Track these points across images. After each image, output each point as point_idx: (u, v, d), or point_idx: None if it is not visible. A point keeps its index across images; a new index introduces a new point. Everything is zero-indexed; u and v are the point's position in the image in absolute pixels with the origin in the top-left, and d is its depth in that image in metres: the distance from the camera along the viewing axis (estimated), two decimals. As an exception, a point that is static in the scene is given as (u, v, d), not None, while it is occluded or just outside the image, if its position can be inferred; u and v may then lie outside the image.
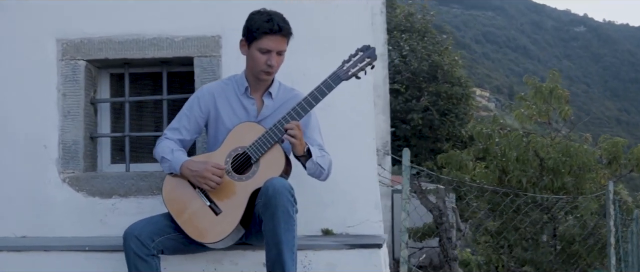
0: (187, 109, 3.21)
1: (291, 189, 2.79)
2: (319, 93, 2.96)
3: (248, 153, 2.97)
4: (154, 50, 3.78)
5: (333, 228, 3.66)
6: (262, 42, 2.99)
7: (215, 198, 2.98)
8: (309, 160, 3.01)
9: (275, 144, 2.97)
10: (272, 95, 3.17)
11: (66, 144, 3.79)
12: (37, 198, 3.77)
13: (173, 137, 3.16)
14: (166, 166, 3.08)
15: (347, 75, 3.00)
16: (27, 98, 3.81)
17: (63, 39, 3.82)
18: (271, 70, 3.06)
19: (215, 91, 3.21)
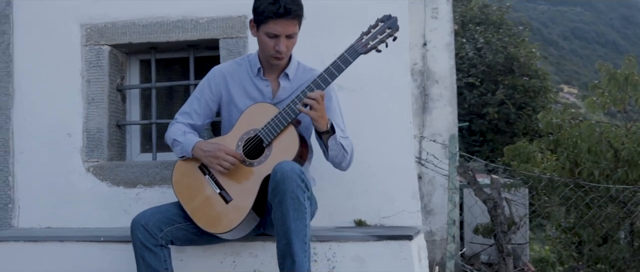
0: (197, 91, 3.03)
1: (302, 174, 2.56)
2: (335, 69, 2.73)
3: (260, 136, 2.77)
4: (178, 33, 3.64)
5: (366, 219, 3.43)
6: (269, 27, 2.77)
7: (225, 185, 2.79)
8: (331, 138, 2.78)
9: (289, 126, 2.75)
10: (288, 76, 2.96)
11: (90, 132, 3.70)
12: (62, 188, 3.70)
13: (184, 121, 3.00)
14: (178, 149, 2.92)
15: (366, 48, 2.75)
16: (51, 85, 3.75)
17: (87, 24, 3.73)
18: (280, 56, 2.84)
19: (227, 72, 3.02)
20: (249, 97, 2.94)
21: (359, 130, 3.38)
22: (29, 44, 3.79)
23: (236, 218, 2.74)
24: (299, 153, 2.74)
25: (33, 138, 3.75)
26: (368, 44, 2.76)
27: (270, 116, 2.76)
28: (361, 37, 2.77)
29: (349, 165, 2.96)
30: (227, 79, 2.99)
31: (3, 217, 3.72)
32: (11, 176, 3.76)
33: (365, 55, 2.78)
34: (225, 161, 2.75)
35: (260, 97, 2.93)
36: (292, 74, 2.95)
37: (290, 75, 2.95)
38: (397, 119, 3.44)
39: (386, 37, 2.77)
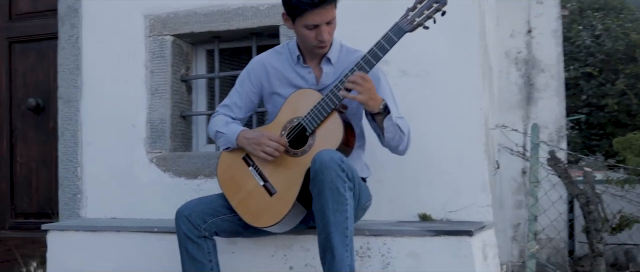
0: (238, 84, 2.98)
1: (342, 162, 2.43)
2: (379, 49, 2.59)
3: (303, 124, 2.66)
4: (239, 21, 3.60)
5: (431, 213, 3.25)
6: (307, 19, 2.65)
7: (270, 177, 2.71)
8: (386, 118, 2.63)
9: (333, 112, 2.64)
10: (331, 61, 2.83)
11: (153, 123, 3.73)
12: (127, 179, 3.76)
13: (226, 114, 2.95)
14: (222, 141, 2.87)
15: (412, 25, 2.58)
16: (117, 76, 3.82)
17: (150, 15, 3.77)
18: (324, 44, 2.73)
19: (267, 62, 2.93)
20: (292, 86, 2.85)
21: (424, 119, 3.24)
22: (96, 37, 3.88)
23: (280, 211, 2.65)
24: (344, 141, 2.62)
25: (100, 129, 3.83)
26: (414, 20, 2.59)
27: (313, 103, 2.66)
28: (407, 14, 2.61)
29: (406, 148, 2.81)
30: (268, 69, 2.91)
31: (72, 207, 3.83)
32: (79, 167, 3.85)
33: (412, 33, 2.61)
34: (268, 146, 2.67)
35: (304, 85, 2.83)
36: (334, 57, 2.83)
37: (333, 59, 2.83)
38: (465, 106, 3.25)
39: (433, 12, 2.59)
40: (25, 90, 4.33)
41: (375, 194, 3.24)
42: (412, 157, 3.17)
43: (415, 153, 3.15)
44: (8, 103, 4.36)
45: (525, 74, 7.32)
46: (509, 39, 5.20)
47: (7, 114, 4.35)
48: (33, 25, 4.31)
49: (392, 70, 3.32)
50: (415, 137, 3.12)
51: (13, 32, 4.37)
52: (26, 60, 4.33)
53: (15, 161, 4.33)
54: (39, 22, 4.27)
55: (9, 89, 4.36)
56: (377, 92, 2.75)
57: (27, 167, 4.30)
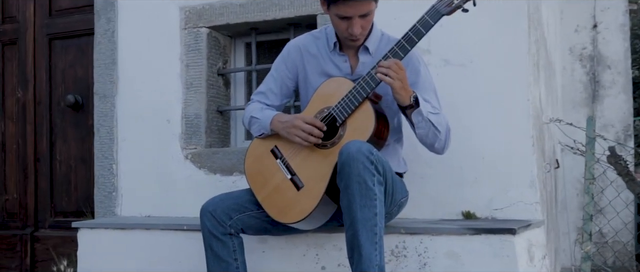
0: (273, 69, 2.87)
1: (371, 154, 2.30)
2: (414, 34, 2.45)
3: (333, 114, 2.55)
4: (275, 11, 3.51)
5: (476, 211, 3.09)
6: (338, 8, 2.52)
7: (297, 170, 2.61)
8: (415, 112, 2.50)
9: (365, 101, 2.51)
10: (369, 50, 2.70)
11: (188, 118, 3.68)
12: (162, 176, 3.73)
13: (261, 101, 2.84)
14: (256, 127, 2.77)
15: (450, 7, 2.43)
16: (152, 71, 3.80)
17: (186, 7, 3.72)
18: (355, 39, 2.60)
19: (304, 46, 2.82)
20: (325, 75, 2.73)
21: (468, 111, 3.10)
22: (131, 31, 3.86)
23: (306, 207, 2.54)
24: (376, 132, 2.49)
25: (135, 125, 3.81)
26: (452, 2, 2.44)
27: (345, 92, 2.54)
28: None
29: (444, 147, 2.66)
30: (303, 54, 2.81)
31: (107, 205, 3.81)
32: (115, 163, 3.83)
33: (449, 16, 2.46)
34: (303, 130, 2.55)
35: (338, 74, 2.71)
36: (373, 46, 2.70)
37: (371, 48, 2.70)
38: (512, 97, 3.08)
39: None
40: (65, 86, 4.35)
41: (417, 191, 3.12)
42: (456, 152, 3.05)
43: (459, 147, 3.04)
44: (48, 100, 4.38)
45: (590, 70, 7.03)
46: (574, 35, 4.97)
47: (47, 112, 4.38)
48: (73, 21, 4.32)
49: (433, 60, 3.18)
50: (459, 131, 3.01)
51: (53, 29, 4.39)
52: (66, 57, 4.35)
53: (55, 159, 4.35)
54: (78, 18, 4.28)
55: (49, 86, 4.39)
56: (417, 85, 2.62)
57: (67, 165, 4.31)
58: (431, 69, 3.14)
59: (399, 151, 2.82)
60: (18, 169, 4.49)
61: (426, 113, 2.51)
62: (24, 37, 4.48)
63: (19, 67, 4.50)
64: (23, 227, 4.48)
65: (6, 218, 4.56)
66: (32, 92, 4.44)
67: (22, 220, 4.48)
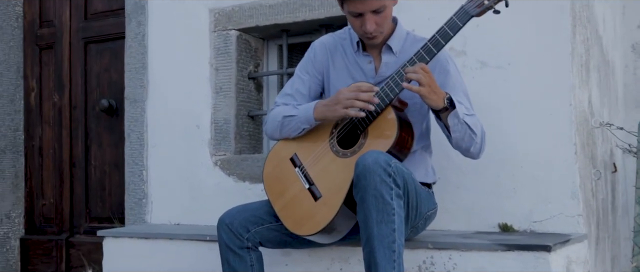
0: (300, 70, 2.77)
1: (388, 166, 2.19)
2: (441, 37, 2.33)
3: (354, 120, 2.44)
4: (305, 12, 3.43)
5: (513, 223, 2.95)
6: (350, 5, 2.42)
7: (316, 179, 2.51)
8: (451, 115, 2.37)
9: (387, 108, 2.40)
10: (392, 49, 2.58)
11: (218, 124, 3.63)
12: (192, 183, 3.70)
13: (288, 103, 2.71)
14: (293, 125, 2.59)
15: (480, 8, 2.31)
16: (182, 75, 3.77)
17: (215, 8, 3.67)
18: (371, 36, 2.49)
19: (330, 45, 2.72)
20: (350, 77, 2.63)
21: (507, 116, 2.96)
22: (161, 34, 3.84)
23: (323, 219, 2.45)
24: (398, 141, 2.38)
25: (165, 131, 3.78)
26: (482, 3, 2.31)
27: None
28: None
29: (480, 151, 2.54)
30: (330, 55, 2.70)
31: (137, 212, 3.79)
32: (145, 170, 3.82)
33: (479, 17, 2.33)
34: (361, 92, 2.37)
35: (362, 76, 2.61)
36: (397, 46, 2.59)
37: (395, 47, 2.58)
38: (554, 103, 2.91)
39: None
40: (100, 91, 4.37)
41: (451, 201, 3.01)
42: (493, 160, 2.93)
43: (496, 155, 2.92)
44: (83, 105, 4.41)
45: (650, 70, 6.71)
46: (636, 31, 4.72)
47: (83, 116, 4.41)
48: (107, 25, 4.34)
49: (469, 62, 3.05)
50: (497, 137, 2.89)
51: (88, 32, 4.42)
52: (101, 61, 4.36)
53: (90, 164, 4.37)
54: (112, 21, 4.30)
55: (85, 91, 4.42)
56: (446, 86, 2.50)
57: (101, 171, 4.33)
58: (466, 71, 3.03)
59: (427, 160, 2.69)
60: (54, 174, 4.54)
61: (462, 115, 2.39)
62: (61, 41, 4.52)
63: (55, 71, 4.55)
64: (59, 232, 4.52)
65: (43, 223, 4.61)
66: (68, 97, 4.48)
67: (58, 225, 4.53)
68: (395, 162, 2.24)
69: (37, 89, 4.63)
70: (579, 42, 3.05)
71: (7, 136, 4.56)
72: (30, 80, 4.66)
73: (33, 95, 4.65)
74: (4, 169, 4.54)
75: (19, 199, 4.65)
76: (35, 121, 4.63)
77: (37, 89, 4.63)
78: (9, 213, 4.59)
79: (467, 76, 3.03)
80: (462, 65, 3.04)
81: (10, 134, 4.58)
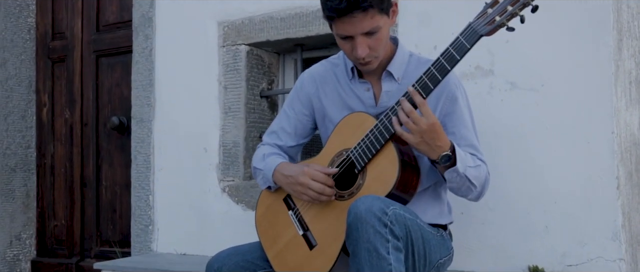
0: (286, 104, 2.53)
1: (384, 214, 1.92)
2: (447, 61, 2.03)
3: (352, 158, 2.18)
4: (318, 25, 3.19)
5: (545, 266, 2.65)
6: (336, 27, 2.14)
7: (311, 224, 2.27)
8: (449, 170, 2.10)
9: (387, 144, 2.13)
10: (394, 75, 2.30)
11: (226, 147, 3.41)
12: (199, 210, 3.50)
13: (271, 142, 2.51)
14: (260, 179, 2.45)
15: (491, 26, 1.99)
16: (189, 93, 3.58)
17: (224, 22, 3.45)
18: (364, 62, 2.20)
19: (320, 76, 2.45)
20: (346, 107, 2.35)
21: (539, 144, 2.68)
22: (169, 49, 3.65)
23: (319, 270, 2.18)
24: (400, 182, 2.10)
25: (172, 153, 3.59)
26: (493, 20, 1.99)
27: (365, 131, 2.17)
28: (484, 11, 2.01)
29: (479, 197, 2.27)
30: (319, 86, 2.43)
31: (143, 240, 3.61)
32: (151, 194, 3.63)
33: (489, 36, 2.03)
34: (311, 189, 2.20)
35: (360, 106, 2.33)
36: (398, 71, 2.30)
37: (396, 73, 2.29)
38: (594, 131, 2.60)
39: (520, 7, 1.97)
40: (111, 107, 4.20)
41: (476, 239, 2.75)
42: (523, 194, 2.68)
43: (527, 188, 2.67)
44: (95, 122, 4.26)
45: None
46: None
47: (94, 134, 4.25)
48: (118, 37, 4.17)
49: (497, 82, 2.76)
50: (528, 168, 2.66)
51: (100, 45, 4.26)
52: (112, 75, 4.20)
53: (101, 185, 4.21)
54: (123, 33, 4.12)
55: (96, 107, 4.25)
56: (452, 115, 2.22)
57: (112, 192, 4.16)
58: (494, 93, 2.75)
59: (442, 197, 2.40)
60: (66, 194, 4.40)
61: (464, 169, 2.11)
62: (72, 54, 4.37)
63: (67, 86, 4.40)
64: (70, 255, 4.38)
65: (54, 245, 4.48)
66: (79, 113, 4.33)
67: (69, 248, 4.38)
68: (394, 208, 1.97)
69: (49, 104, 4.49)
70: (627, 57, 2.73)
71: (18, 153, 4.44)
72: (42, 95, 4.53)
73: (45, 110, 4.51)
74: (13, 189, 4.41)
75: (30, 220, 4.52)
76: (48, 138, 4.49)
77: (49, 104, 4.49)
78: (20, 234, 4.46)
79: (495, 99, 2.75)
80: (490, 87, 2.76)
81: (21, 152, 4.45)
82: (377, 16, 2.10)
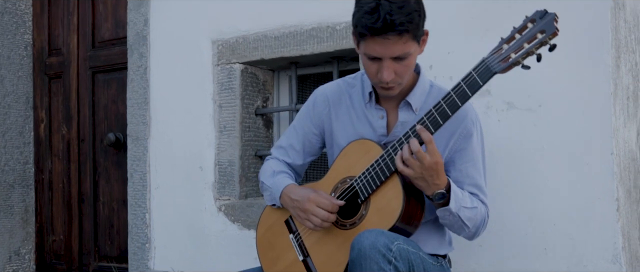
0: (297, 120, 2.40)
1: (389, 251, 1.82)
2: (458, 97, 1.91)
3: (356, 187, 2.05)
4: (313, 44, 3.05)
5: (544, 289, 2.52)
6: (366, 46, 1.99)
7: (312, 250, 2.16)
8: (442, 209, 2.02)
9: (392, 176, 2.00)
10: (412, 106, 2.16)
11: (222, 166, 3.29)
12: (195, 228, 3.39)
13: (279, 158, 2.39)
14: (266, 195, 2.34)
15: (505, 63, 1.88)
16: (184, 112, 3.46)
17: (218, 40, 3.33)
18: (387, 87, 2.06)
19: (333, 96, 2.31)
20: (356, 134, 2.21)
21: (536, 165, 2.57)
22: (163, 67, 3.52)
23: (318, 300, 2.07)
24: (404, 215, 1.98)
25: (168, 171, 3.46)
26: (508, 57, 1.87)
27: (370, 160, 2.04)
28: (500, 47, 1.90)
29: (474, 236, 2.18)
30: (331, 107, 2.30)
31: (140, 257, 3.49)
32: (148, 212, 3.51)
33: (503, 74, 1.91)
34: (315, 216, 2.08)
35: (369, 132, 2.19)
36: (417, 102, 2.16)
37: (414, 104, 2.15)
38: (592, 151, 2.48)
39: (537, 46, 1.86)
40: (107, 123, 4.06)
41: (474, 261, 2.65)
42: (521, 216, 2.56)
43: (525, 210, 2.55)
44: (91, 138, 4.11)
45: None
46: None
47: (91, 150, 4.11)
48: (114, 54, 4.02)
49: (494, 102, 2.64)
50: (526, 189, 2.55)
51: (96, 62, 4.11)
52: (108, 91, 4.06)
53: (98, 200, 4.08)
54: (119, 49, 3.97)
55: (92, 123, 4.11)
56: (463, 151, 2.11)
57: (109, 208, 4.03)
58: (491, 113, 2.63)
59: (444, 228, 2.27)
60: (64, 209, 4.26)
61: (457, 209, 2.01)
62: (69, 70, 4.23)
63: (64, 102, 4.26)
64: (69, 270, 4.24)
65: (53, 259, 4.34)
66: (76, 129, 4.19)
67: (68, 263, 4.25)
68: (398, 243, 1.85)
69: (47, 120, 4.35)
70: (624, 73, 2.61)
71: (16, 169, 4.30)
72: (39, 111, 4.39)
73: (43, 126, 4.37)
74: (12, 205, 4.27)
75: (29, 235, 4.38)
76: (45, 154, 4.36)
77: (47, 120, 4.35)
78: (19, 250, 4.32)
79: (492, 119, 2.63)
80: (487, 107, 2.64)
81: (19, 168, 4.31)
82: (410, 42, 1.97)
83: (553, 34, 1.84)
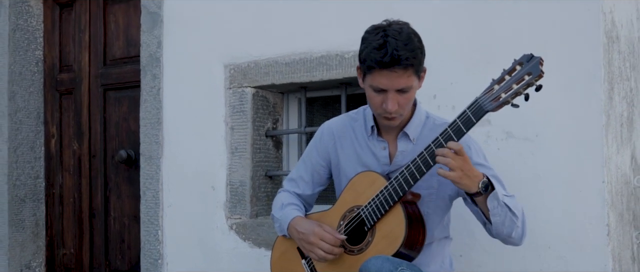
0: (306, 154, 2.72)
1: None
2: (454, 132, 2.21)
3: (363, 216, 2.35)
4: (322, 71, 3.35)
5: (539, 301, 2.81)
6: (373, 78, 2.30)
7: None
8: (490, 197, 2.23)
9: (396, 205, 2.30)
10: (409, 136, 2.47)
11: (233, 186, 3.58)
12: (207, 246, 3.67)
13: (290, 190, 2.69)
14: (276, 227, 2.65)
15: (496, 102, 2.17)
16: (197, 133, 3.74)
17: (231, 64, 3.61)
18: (390, 116, 2.36)
19: (338, 130, 2.62)
20: (361, 163, 2.52)
21: (533, 191, 2.85)
22: (176, 89, 3.81)
23: (327, 326, 2.37)
24: (407, 240, 2.27)
25: (180, 190, 3.75)
26: (499, 97, 2.17)
27: (376, 191, 2.34)
28: (491, 87, 2.19)
29: (522, 236, 2.39)
30: (336, 140, 2.61)
31: (153, 274, 3.76)
32: (160, 229, 3.79)
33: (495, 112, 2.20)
34: (320, 249, 2.39)
35: (374, 163, 2.50)
36: (414, 132, 2.47)
37: (412, 134, 2.46)
38: (585, 179, 2.78)
39: (524, 87, 2.15)
40: (119, 140, 4.34)
41: None
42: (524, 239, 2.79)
43: None
44: (102, 154, 4.40)
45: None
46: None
47: (102, 166, 4.40)
48: (125, 72, 4.30)
49: (494, 132, 2.93)
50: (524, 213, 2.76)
51: (107, 79, 4.40)
52: (119, 109, 4.34)
53: (109, 215, 4.36)
54: (130, 68, 4.25)
55: (104, 139, 4.40)
56: None
57: (120, 223, 4.31)
58: (491, 142, 2.91)
59: (446, 250, 2.58)
60: (74, 224, 4.54)
61: (501, 196, 2.25)
62: (80, 87, 4.52)
63: (74, 118, 4.54)
64: (79, 283, 4.53)
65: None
66: (87, 145, 4.48)
67: (79, 276, 4.54)
68: (402, 268, 2.15)
69: (57, 135, 4.64)
70: (618, 102, 2.90)
71: (27, 184, 4.59)
72: (50, 127, 4.67)
73: (53, 141, 4.66)
74: (23, 219, 4.56)
75: (40, 248, 4.67)
76: (56, 169, 4.64)
77: (57, 135, 4.64)
78: (30, 263, 4.61)
79: (492, 147, 2.91)
80: (486, 136, 2.93)
81: (30, 182, 4.60)
82: (413, 76, 2.28)
83: (539, 76, 2.13)
